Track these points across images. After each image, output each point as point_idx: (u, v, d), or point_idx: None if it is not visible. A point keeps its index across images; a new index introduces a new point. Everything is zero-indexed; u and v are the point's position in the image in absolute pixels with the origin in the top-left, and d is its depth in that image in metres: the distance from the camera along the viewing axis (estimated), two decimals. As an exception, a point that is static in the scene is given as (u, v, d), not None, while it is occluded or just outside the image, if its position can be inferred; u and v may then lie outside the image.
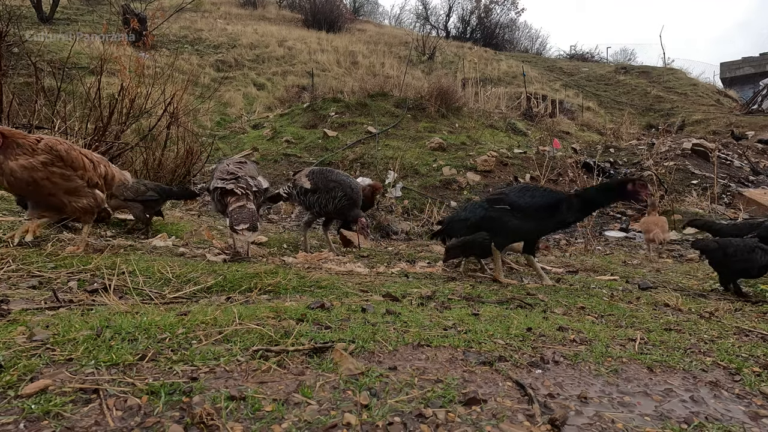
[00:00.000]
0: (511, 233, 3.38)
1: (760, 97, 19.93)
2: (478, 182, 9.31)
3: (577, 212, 3.28)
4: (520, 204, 3.28)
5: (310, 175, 4.45)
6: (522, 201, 3.28)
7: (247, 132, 12.41)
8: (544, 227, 3.39)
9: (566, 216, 3.24)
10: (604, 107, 20.60)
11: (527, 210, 3.24)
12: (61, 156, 2.76)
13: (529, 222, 3.27)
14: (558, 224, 3.38)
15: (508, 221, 3.29)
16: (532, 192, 3.35)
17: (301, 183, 4.44)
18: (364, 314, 2.04)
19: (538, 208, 3.23)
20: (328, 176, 4.40)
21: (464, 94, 14.54)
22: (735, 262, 3.40)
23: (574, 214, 3.27)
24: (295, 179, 4.60)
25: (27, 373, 1.26)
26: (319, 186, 4.32)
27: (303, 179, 4.45)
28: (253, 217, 3.23)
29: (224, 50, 19.62)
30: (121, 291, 2.25)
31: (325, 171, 4.52)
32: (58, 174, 2.77)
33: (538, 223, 3.29)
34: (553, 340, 1.89)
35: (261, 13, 27.82)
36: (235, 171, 3.53)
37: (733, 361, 1.79)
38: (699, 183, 9.53)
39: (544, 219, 3.26)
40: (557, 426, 1.21)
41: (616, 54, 35.65)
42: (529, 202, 3.26)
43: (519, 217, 3.27)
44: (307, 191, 4.37)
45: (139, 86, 7.19)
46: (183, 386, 1.25)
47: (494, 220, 3.35)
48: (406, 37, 26.25)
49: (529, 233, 3.41)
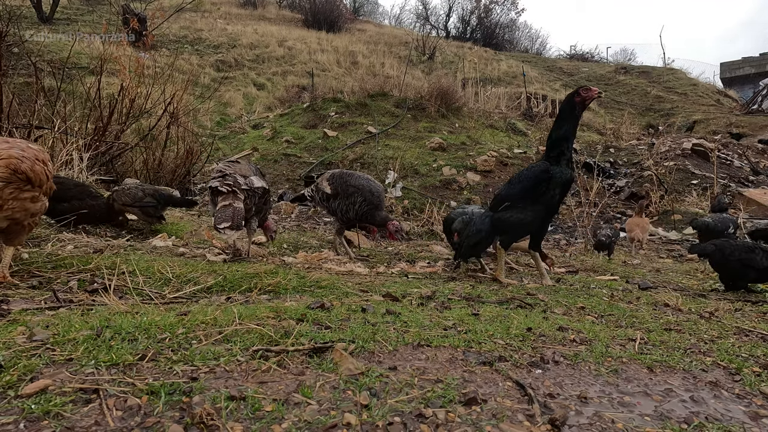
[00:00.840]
0: (518, 225, 3.30)
1: (760, 97, 19.93)
2: (478, 182, 9.31)
3: (561, 161, 3.19)
4: (513, 193, 3.26)
5: (330, 179, 4.28)
6: (513, 190, 3.26)
7: (247, 132, 12.41)
8: (551, 203, 3.25)
9: (559, 174, 3.15)
10: (604, 107, 20.60)
11: (523, 195, 3.21)
12: (29, 177, 2.23)
13: (531, 206, 3.21)
14: (562, 186, 3.24)
15: (510, 216, 3.26)
16: (517, 177, 3.35)
17: (322, 187, 4.28)
18: (364, 314, 2.04)
19: (529, 187, 3.19)
20: (348, 180, 4.20)
21: (464, 94, 14.55)
22: (733, 262, 3.41)
23: (562, 168, 3.18)
24: (318, 182, 4.42)
25: (27, 373, 1.26)
26: (338, 191, 4.16)
27: (324, 183, 4.29)
28: (236, 216, 3.02)
29: (224, 50, 19.63)
30: (121, 291, 2.25)
31: (345, 175, 4.32)
32: (28, 198, 2.25)
33: (544, 198, 3.19)
34: (553, 340, 1.89)
35: (261, 13, 27.83)
36: (223, 169, 3.36)
37: (733, 361, 1.79)
38: (699, 183, 9.53)
39: (543, 194, 3.18)
40: (557, 426, 1.21)
41: (616, 54, 35.67)
42: (519, 187, 3.24)
43: (520, 208, 3.23)
44: (328, 196, 4.21)
45: (139, 86, 7.20)
46: (183, 386, 1.25)
47: (502, 222, 3.32)
48: (406, 37, 26.26)
49: (535, 218, 3.28)
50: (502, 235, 3.39)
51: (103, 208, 4.08)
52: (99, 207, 4.05)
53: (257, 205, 3.48)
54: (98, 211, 4.04)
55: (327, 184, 4.25)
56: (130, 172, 6.67)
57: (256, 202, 3.45)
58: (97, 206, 4.04)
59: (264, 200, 3.59)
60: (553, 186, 3.18)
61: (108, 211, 4.12)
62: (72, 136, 5.90)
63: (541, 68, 25.92)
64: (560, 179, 3.18)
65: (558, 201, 3.30)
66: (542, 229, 3.53)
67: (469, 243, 3.55)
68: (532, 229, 3.40)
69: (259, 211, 3.59)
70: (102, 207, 4.08)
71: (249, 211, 3.40)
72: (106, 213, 4.11)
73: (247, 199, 3.29)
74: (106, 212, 4.11)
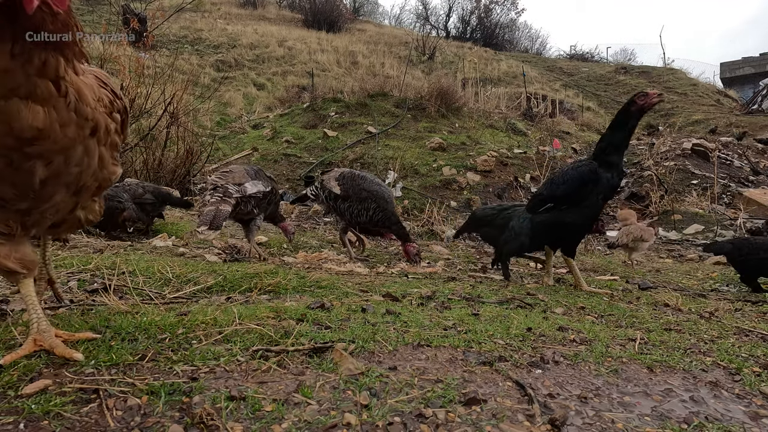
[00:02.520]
0: (573, 228, 3.09)
1: (760, 97, 19.92)
2: (478, 182, 9.31)
3: (612, 162, 2.99)
4: (557, 194, 3.04)
5: (340, 179, 4.13)
6: (557, 190, 3.04)
7: (247, 132, 12.41)
8: (596, 203, 3.04)
9: (607, 179, 2.96)
10: (604, 107, 20.60)
11: (567, 195, 3.00)
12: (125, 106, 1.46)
13: (579, 208, 3.01)
14: (608, 192, 3.06)
15: (565, 217, 3.04)
16: (561, 176, 3.10)
17: (329, 186, 4.13)
18: (364, 314, 2.04)
19: (575, 188, 2.98)
20: (360, 184, 4.06)
21: (464, 94, 14.53)
22: (751, 260, 3.41)
23: (611, 174, 2.98)
24: (323, 180, 4.25)
25: (27, 373, 1.26)
26: (349, 193, 4.03)
27: (332, 183, 4.13)
28: (217, 218, 3.15)
29: (224, 50, 19.62)
30: (121, 291, 2.25)
31: (357, 177, 4.16)
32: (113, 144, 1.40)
33: (588, 201, 3.00)
34: (553, 340, 1.89)
35: (261, 13, 27.83)
36: (215, 181, 3.43)
37: (733, 361, 1.79)
38: (699, 183, 9.53)
39: (591, 193, 2.98)
40: (557, 426, 1.21)
41: (616, 54, 35.64)
42: (563, 188, 3.02)
43: (564, 210, 3.03)
44: (336, 197, 4.08)
45: (139, 86, 7.19)
46: (183, 386, 1.25)
47: (546, 225, 3.12)
48: (406, 37, 26.26)
49: (586, 220, 3.08)
50: (557, 242, 3.20)
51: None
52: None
53: (258, 207, 3.55)
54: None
55: (336, 184, 4.12)
56: (130, 172, 6.67)
57: (256, 205, 3.52)
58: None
59: (267, 201, 3.63)
60: (599, 190, 3.01)
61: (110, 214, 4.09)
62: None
63: (541, 68, 25.91)
64: (607, 184, 3.01)
65: (601, 207, 3.14)
66: (582, 235, 3.33)
67: (509, 249, 3.34)
68: (582, 232, 3.23)
69: (263, 211, 3.63)
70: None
71: (248, 214, 3.51)
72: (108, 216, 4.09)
73: (241, 205, 3.37)
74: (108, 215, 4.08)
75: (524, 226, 3.25)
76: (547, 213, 3.14)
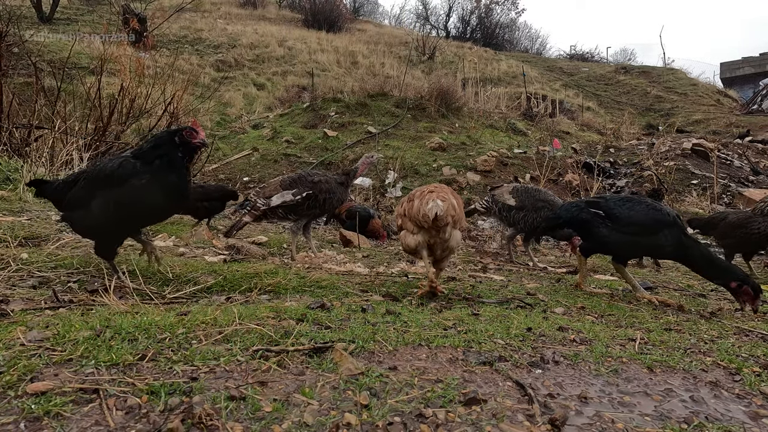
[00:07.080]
0: (598, 242, 3.12)
1: (760, 97, 19.93)
2: (478, 182, 9.31)
3: (679, 237, 2.94)
4: (616, 213, 3.03)
5: (514, 192, 4.74)
6: (618, 210, 3.04)
7: (247, 132, 12.41)
8: (635, 245, 3.07)
9: (664, 241, 2.93)
10: (604, 107, 20.60)
11: (621, 221, 2.99)
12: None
13: (619, 235, 3.01)
14: (654, 248, 3.10)
15: (597, 228, 3.07)
16: (632, 204, 3.08)
17: (504, 200, 4.73)
18: (364, 314, 2.04)
19: (633, 224, 2.97)
20: (536, 195, 4.66)
21: (464, 94, 14.53)
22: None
23: (674, 241, 2.93)
24: (495, 195, 4.89)
25: (27, 373, 1.26)
26: (525, 204, 4.59)
27: (506, 196, 4.74)
28: (234, 228, 3.97)
29: (224, 50, 19.62)
30: (121, 291, 2.25)
31: (531, 189, 4.80)
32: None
33: (631, 238, 3.00)
34: (553, 340, 1.89)
35: (261, 13, 27.82)
36: (251, 197, 4.01)
37: (733, 361, 1.79)
38: (699, 183, 9.53)
39: (638, 235, 2.98)
40: (557, 426, 1.21)
41: (616, 54, 35.73)
42: (625, 214, 3.00)
43: (609, 227, 3.03)
44: (511, 208, 4.67)
45: (139, 86, 7.19)
46: (183, 386, 1.25)
47: (584, 222, 3.16)
48: (406, 37, 26.25)
49: (619, 247, 3.10)
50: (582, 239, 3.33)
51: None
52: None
53: (296, 212, 3.87)
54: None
55: (510, 197, 4.74)
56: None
57: (291, 211, 3.87)
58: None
59: (306, 206, 3.85)
60: (644, 235, 3.01)
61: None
62: (72, 135, 5.90)
63: (541, 68, 25.90)
64: (656, 241, 2.99)
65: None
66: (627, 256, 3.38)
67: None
68: (614, 252, 3.24)
69: (306, 216, 3.94)
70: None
71: (284, 219, 3.99)
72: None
73: (268, 213, 3.85)
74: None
75: (570, 212, 3.41)
76: (592, 215, 3.18)
